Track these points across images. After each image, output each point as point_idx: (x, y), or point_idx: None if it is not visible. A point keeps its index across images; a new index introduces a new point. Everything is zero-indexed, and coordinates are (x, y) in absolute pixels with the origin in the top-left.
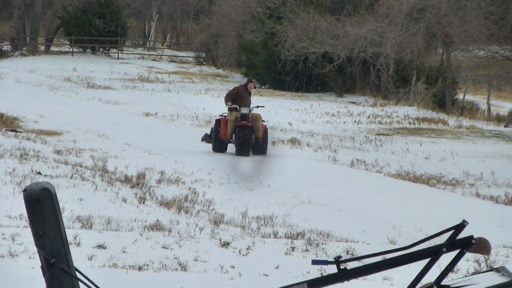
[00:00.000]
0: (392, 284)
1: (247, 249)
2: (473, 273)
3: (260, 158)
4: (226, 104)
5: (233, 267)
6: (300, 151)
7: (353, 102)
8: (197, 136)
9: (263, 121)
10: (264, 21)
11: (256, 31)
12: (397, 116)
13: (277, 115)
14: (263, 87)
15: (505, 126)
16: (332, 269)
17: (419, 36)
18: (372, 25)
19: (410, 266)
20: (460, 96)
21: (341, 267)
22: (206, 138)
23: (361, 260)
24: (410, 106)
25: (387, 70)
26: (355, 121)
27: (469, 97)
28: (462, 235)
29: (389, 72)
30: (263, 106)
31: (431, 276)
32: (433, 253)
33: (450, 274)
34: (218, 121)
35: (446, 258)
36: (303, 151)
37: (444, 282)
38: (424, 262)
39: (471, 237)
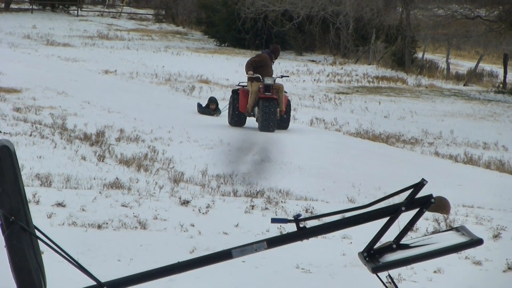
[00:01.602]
0: (351, 242)
1: (207, 207)
2: (433, 232)
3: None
4: (247, 73)
5: (193, 226)
6: None
7: (313, 61)
8: (156, 94)
9: (285, 92)
10: None
11: None
12: (357, 75)
13: (237, 73)
14: (222, 45)
15: (464, 85)
16: (291, 227)
17: None
18: None
19: (369, 225)
20: (419, 55)
21: (300, 225)
22: (201, 109)
23: (320, 219)
24: (370, 64)
25: (346, 29)
26: (314, 80)
27: (428, 56)
28: (421, 194)
29: (349, 30)
30: (288, 76)
31: (390, 235)
32: (392, 212)
33: (409, 233)
34: (235, 92)
35: (405, 217)
36: None
37: (403, 241)
38: (383, 221)
39: (430, 196)
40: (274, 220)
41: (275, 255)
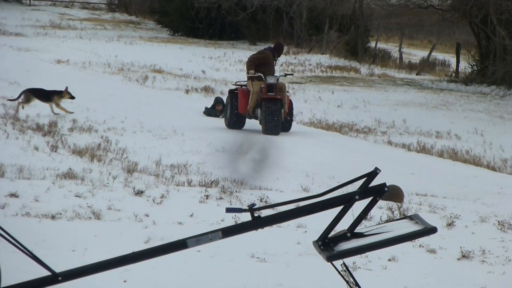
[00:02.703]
0: (306, 231)
1: (161, 197)
2: (387, 221)
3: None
4: (247, 72)
5: (147, 216)
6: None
7: None
8: (109, 84)
9: (287, 92)
10: None
11: None
12: (310, 64)
13: (190, 63)
14: (176, 34)
15: (416, 74)
16: (246, 217)
17: None
18: None
19: (324, 214)
20: (372, 44)
21: (255, 215)
22: (207, 111)
23: (275, 208)
24: (323, 54)
25: (300, 18)
26: None
27: (381, 45)
28: (375, 182)
29: (302, 20)
30: (292, 74)
31: (344, 224)
32: (346, 201)
33: (363, 221)
34: (233, 92)
35: (359, 206)
36: None
37: (358, 229)
38: (337, 210)
39: (383, 184)
40: (228, 210)
41: (230, 244)
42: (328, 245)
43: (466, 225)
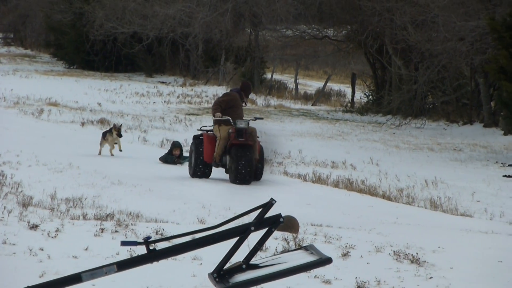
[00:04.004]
0: (201, 264)
1: (56, 231)
2: (282, 252)
3: None
4: (214, 116)
5: (42, 250)
6: None
7: (163, 82)
8: (4, 117)
9: (257, 136)
10: (72, 1)
11: (65, 11)
12: (207, 96)
13: (86, 96)
14: (72, 67)
15: (312, 105)
16: (142, 250)
17: (227, 16)
18: (181, 5)
19: (220, 246)
20: (268, 75)
21: (150, 247)
22: (163, 157)
23: (171, 241)
24: (219, 85)
25: (196, 50)
26: (164, 101)
27: (277, 76)
28: (271, 213)
29: (198, 52)
30: (262, 118)
31: (240, 255)
32: (242, 232)
33: (259, 252)
34: (198, 138)
35: (255, 237)
36: None
37: (253, 261)
38: (233, 241)
39: (279, 215)
40: (123, 243)
41: (125, 278)
42: (223, 277)
43: (361, 255)
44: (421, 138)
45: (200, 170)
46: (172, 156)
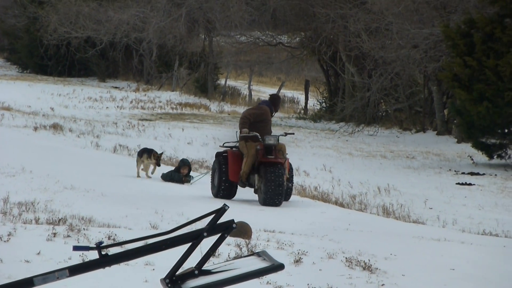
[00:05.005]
0: (153, 269)
1: (8, 235)
2: (234, 258)
3: None
4: (241, 131)
5: None
6: (62, 136)
7: (116, 87)
8: None
9: (286, 153)
10: (26, 6)
11: (18, 16)
12: (160, 101)
13: (39, 100)
14: (25, 71)
15: None
16: (94, 255)
17: (181, 21)
18: (135, 11)
19: (172, 251)
20: (222, 82)
21: (103, 252)
22: (169, 177)
23: (123, 246)
24: (173, 91)
25: (149, 55)
26: (118, 106)
27: (231, 83)
28: (223, 219)
29: (152, 57)
30: (293, 133)
31: (192, 261)
32: (194, 238)
33: (211, 258)
34: (221, 155)
35: (207, 243)
36: (66, 136)
37: (205, 266)
38: (186, 247)
39: (231, 221)
40: (76, 248)
41: (77, 282)
42: (175, 282)
43: (313, 261)
44: (374, 145)
45: (225, 190)
46: (179, 174)
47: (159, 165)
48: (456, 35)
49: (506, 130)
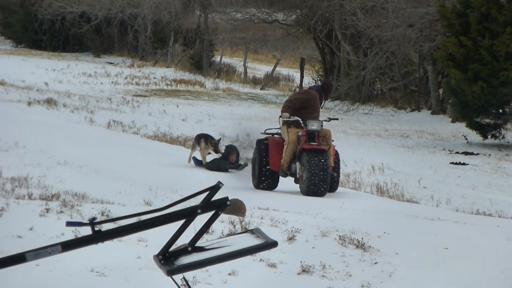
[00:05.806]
0: (147, 245)
1: (1, 210)
2: (228, 235)
3: None
4: (282, 116)
5: None
6: (56, 112)
7: (111, 63)
8: None
9: (332, 140)
10: None
11: None
12: (155, 78)
13: (33, 75)
14: (19, 46)
15: (261, 89)
16: (87, 230)
17: None
18: None
19: (166, 228)
20: (217, 59)
21: (96, 228)
22: (216, 166)
23: (116, 222)
24: (168, 67)
25: (144, 31)
26: (112, 82)
27: (226, 60)
28: (217, 196)
29: (147, 33)
30: (337, 119)
31: (186, 238)
32: (188, 215)
33: (205, 235)
34: (262, 142)
35: (201, 220)
36: (60, 112)
37: (199, 243)
38: (179, 224)
39: (225, 198)
40: (69, 224)
41: (70, 258)
42: (168, 259)
43: (307, 239)
44: (369, 124)
45: (266, 180)
46: (225, 162)
47: (217, 153)
48: (452, 15)
49: (500, 110)
